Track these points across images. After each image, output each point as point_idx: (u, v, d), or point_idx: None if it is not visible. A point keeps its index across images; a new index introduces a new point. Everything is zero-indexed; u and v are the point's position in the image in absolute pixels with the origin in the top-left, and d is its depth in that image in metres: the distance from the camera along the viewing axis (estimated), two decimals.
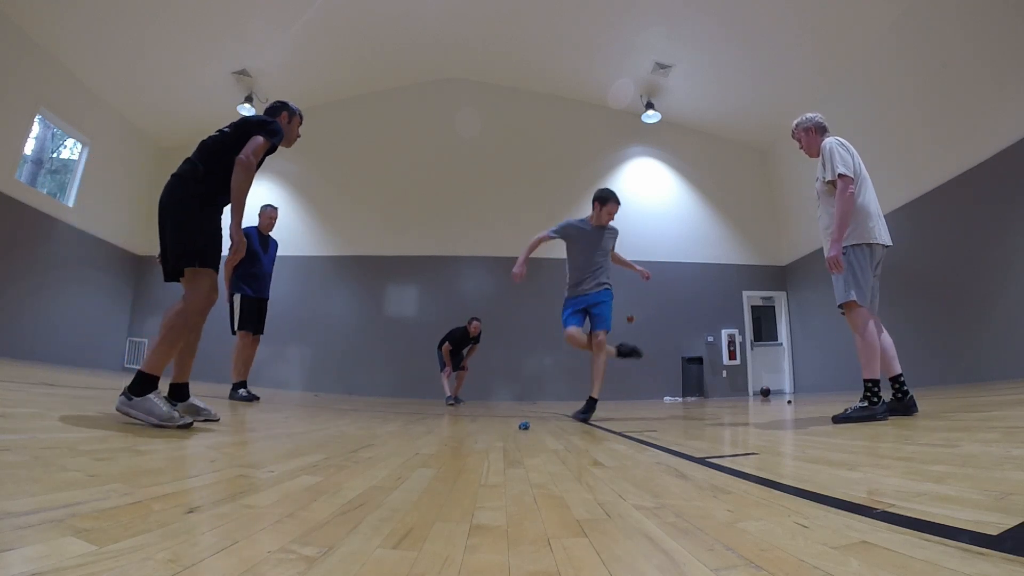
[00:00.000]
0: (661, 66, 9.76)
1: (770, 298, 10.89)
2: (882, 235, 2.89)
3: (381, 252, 10.82)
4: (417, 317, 10.42)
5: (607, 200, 4.17)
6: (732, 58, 9.18)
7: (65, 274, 9.14)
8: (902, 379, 2.87)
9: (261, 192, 11.06)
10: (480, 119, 11.22)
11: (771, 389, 9.83)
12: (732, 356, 10.43)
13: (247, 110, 10.41)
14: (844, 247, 2.84)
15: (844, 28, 7.84)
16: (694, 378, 10.07)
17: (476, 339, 7.92)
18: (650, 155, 11.41)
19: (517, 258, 4.21)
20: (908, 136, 7.22)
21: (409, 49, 10.22)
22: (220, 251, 2.39)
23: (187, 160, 2.43)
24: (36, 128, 8.73)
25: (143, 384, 2.10)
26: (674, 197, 11.27)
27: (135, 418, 2.06)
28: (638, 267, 4.46)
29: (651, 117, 10.74)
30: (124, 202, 10.58)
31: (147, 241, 11.10)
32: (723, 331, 10.51)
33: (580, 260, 4.19)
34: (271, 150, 2.55)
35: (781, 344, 10.64)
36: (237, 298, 4.71)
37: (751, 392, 10.23)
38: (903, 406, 2.84)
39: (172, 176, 2.40)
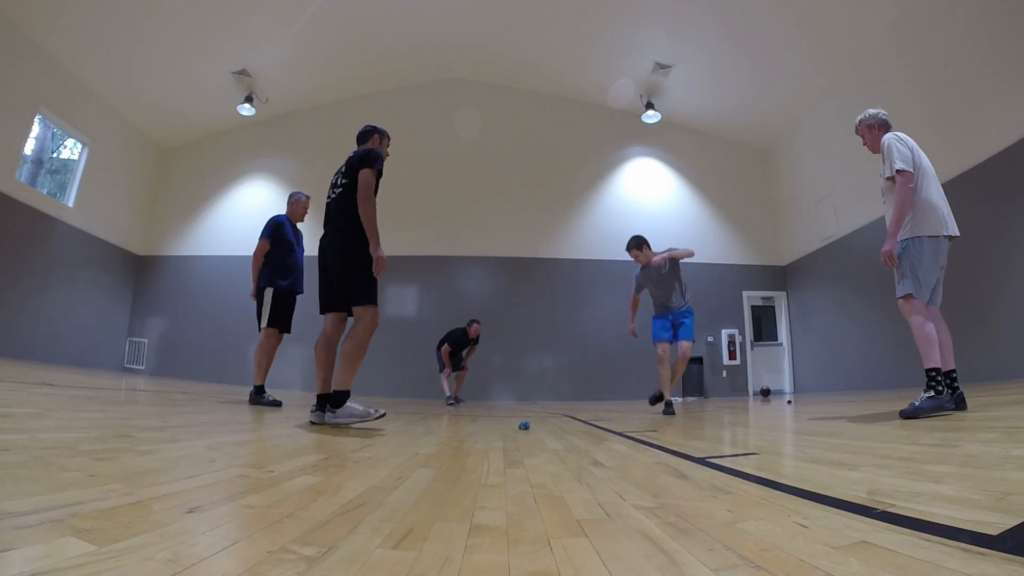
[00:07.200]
0: (661, 66, 9.75)
1: (770, 298, 10.89)
2: (948, 226, 2.93)
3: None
4: (417, 317, 10.40)
5: (628, 248, 5.11)
6: (732, 58, 9.18)
7: (65, 274, 9.13)
8: (954, 375, 2.88)
9: (260, 191, 11.12)
10: (480, 119, 11.20)
11: (771, 389, 9.82)
12: (732, 356, 10.42)
13: (247, 110, 10.43)
14: (902, 240, 2.92)
15: (844, 28, 7.84)
16: (694, 378, 10.07)
17: (475, 341, 7.91)
18: (650, 155, 11.40)
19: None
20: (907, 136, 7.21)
21: (409, 49, 10.21)
22: (376, 285, 2.92)
23: (329, 223, 2.98)
24: (36, 128, 8.72)
25: (339, 398, 2.71)
26: (674, 197, 11.26)
27: (343, 424, 2.68)
28: (670, 254, 5.09)
29: (651, 117, 10.74)
30: (124, 202, 10.57)
31: (147, 241, 11.12)
32: (723, 331, 10.51)
33: (655, 293, 5.13)
34: (379, 175, 2.99)
35: (781, 344, 10.64)
36: (268, 292, 4.40)
37: (751, 392, 10.23)
38: (952, 402, 2.83)
39: (330, 230, 2.97)
